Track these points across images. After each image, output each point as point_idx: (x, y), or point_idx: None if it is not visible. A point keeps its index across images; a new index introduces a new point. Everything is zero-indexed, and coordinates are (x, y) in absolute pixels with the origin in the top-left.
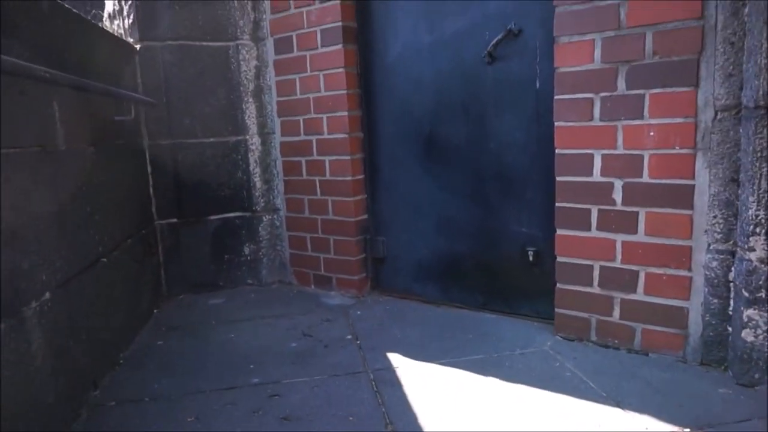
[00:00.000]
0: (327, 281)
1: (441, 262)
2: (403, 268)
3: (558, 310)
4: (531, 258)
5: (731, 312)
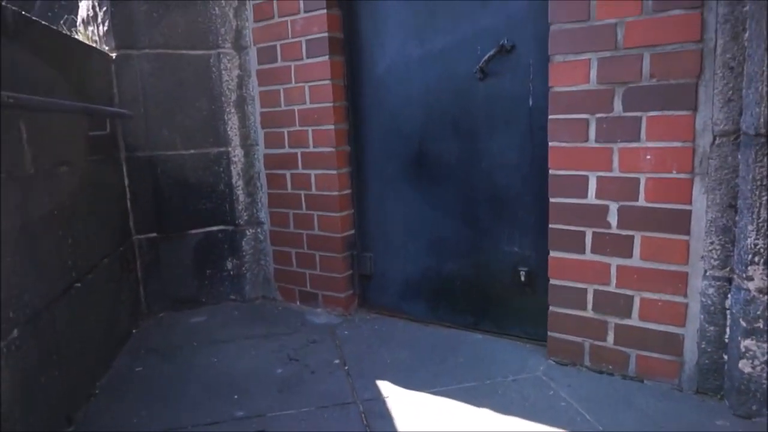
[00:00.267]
0: (313, 298)
1: (430, 280)
2: (392, 285)
3: (551, 333)
4: (523, 278)
5: (728, 340)
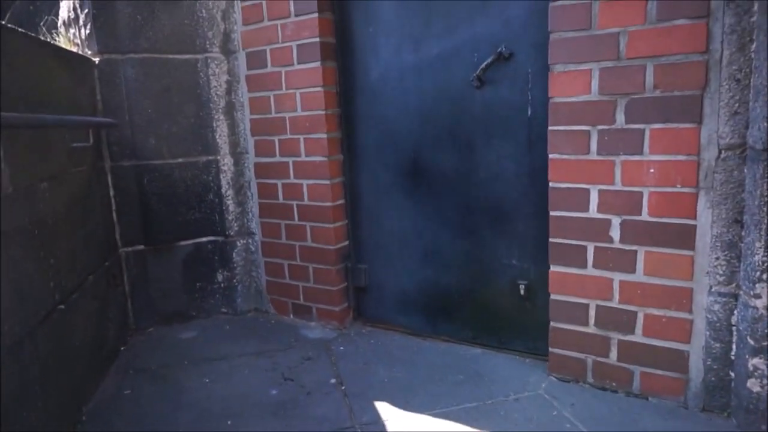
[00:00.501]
0: (307, 311)
1: (427, 293)
2: (387, 298)
3: (552, 349)
4: (522, 292)
5: (734, 357)
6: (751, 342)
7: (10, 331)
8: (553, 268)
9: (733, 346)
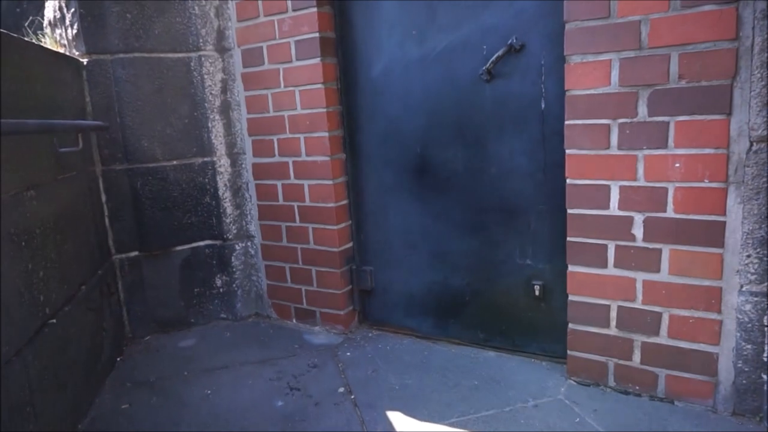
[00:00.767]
0: (310, 315)
1: (436, 294)
2: (394, 300)
3: (571, 352)
4: (537, 292)
5: (767, 359)
6: None
7: None
8: (572, 267)
9: (766, 347)
